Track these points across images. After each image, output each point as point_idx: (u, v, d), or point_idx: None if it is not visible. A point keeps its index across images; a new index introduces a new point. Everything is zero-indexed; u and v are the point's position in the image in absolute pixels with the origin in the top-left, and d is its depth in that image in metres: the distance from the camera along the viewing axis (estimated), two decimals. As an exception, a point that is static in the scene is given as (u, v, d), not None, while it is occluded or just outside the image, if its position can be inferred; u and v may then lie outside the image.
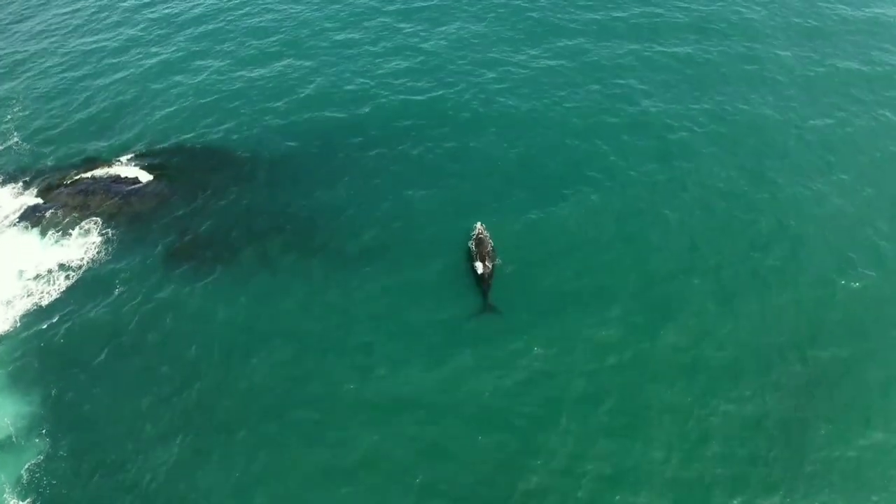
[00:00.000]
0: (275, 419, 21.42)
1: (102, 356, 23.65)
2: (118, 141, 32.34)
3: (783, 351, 22.08)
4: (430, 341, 22.80)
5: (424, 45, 35.86)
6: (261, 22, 39.27)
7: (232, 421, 21.47)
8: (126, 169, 30.20)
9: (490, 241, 24.83)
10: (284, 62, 35.63)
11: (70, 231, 27.81)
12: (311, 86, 33.93)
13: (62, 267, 26.63)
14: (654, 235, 25.65)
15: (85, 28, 40.71)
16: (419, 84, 33.28)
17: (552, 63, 33.93)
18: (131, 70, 36.71)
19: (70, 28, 40.87)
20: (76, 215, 28.38)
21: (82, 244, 27.35)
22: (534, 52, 34.87)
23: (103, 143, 32.31)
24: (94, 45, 39.03)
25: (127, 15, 41.40)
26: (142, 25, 40.21)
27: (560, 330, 22.77)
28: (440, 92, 32.65)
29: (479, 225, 25.51)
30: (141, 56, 37.66)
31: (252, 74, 35.15)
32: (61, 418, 22.11)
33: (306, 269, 25.54)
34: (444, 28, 36.93)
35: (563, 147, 29.36)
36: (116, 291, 25.57)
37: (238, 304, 24.66)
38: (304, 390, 22.06)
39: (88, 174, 30.15)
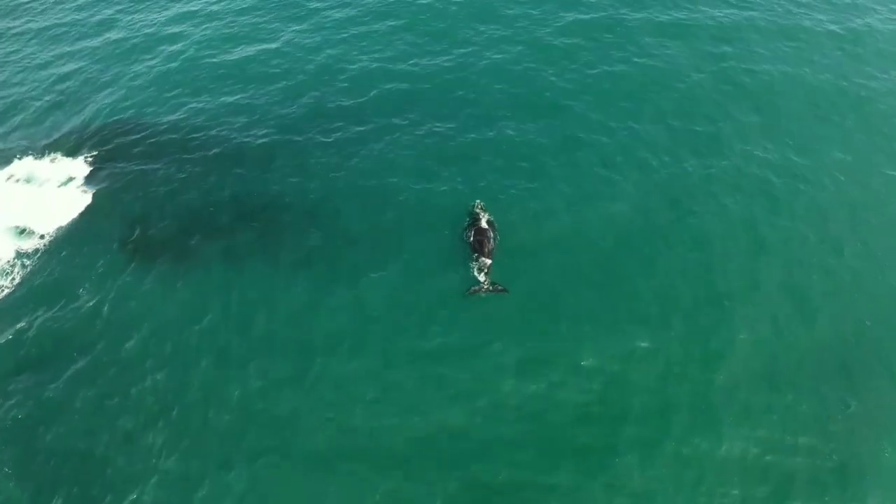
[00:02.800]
0: (272, 435, 18.77)
1: (59, 362, 20.92)
2: (71, 128, 29.54)
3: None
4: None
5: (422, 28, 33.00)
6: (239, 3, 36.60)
7: (225, 440, 18.71)
8: (75, 161, 27.39)
9: (490, 218, 23.03)
10: (259, 46, 32.85)
11: (21, 220, 25.05)
12: (291, 68, 31.18)
13: (18, 255, 24.12)
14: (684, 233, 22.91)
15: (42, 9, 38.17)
16: (415, 69, 30.36)
17: (567, 41, 31.08)
18: (86, 53, 34.16)
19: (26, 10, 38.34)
20: (26, 204, 25.62)
21: (32, 236, 24.69)
22: (544, 37, 31.92)
23: (59, 129, 29.65)
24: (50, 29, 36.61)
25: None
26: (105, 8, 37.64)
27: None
28: (439, 77, 29.84)
29: (477, 203, 23.67)
30: (98, 39, 35.15)
31: (223, 56, 32.50)
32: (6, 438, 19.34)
33: (289, 263, 22.83)
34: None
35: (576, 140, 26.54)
36: (71, 289, 22.84)
37: (214, 302, 21.90)
38: (304, 403, 19.32)
39: (36, 162, 27.50)
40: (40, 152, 28.13)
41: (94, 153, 27.77)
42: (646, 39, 30.97)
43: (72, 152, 27.95)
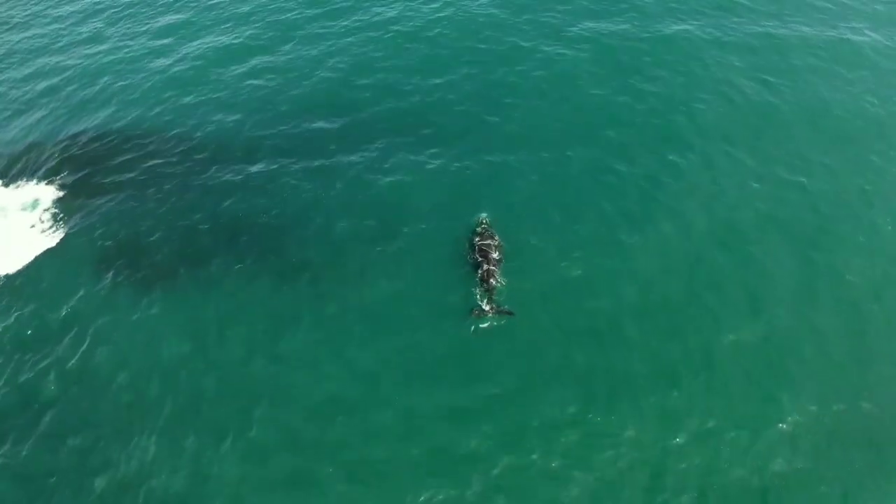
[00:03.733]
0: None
1: (31, 402, 19.02)
2: (45, 148, 27.37)
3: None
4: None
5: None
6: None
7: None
8: (49, 185, 25.19)
9: (496, 237, 21.36)
10: (254, 60, 30.72)
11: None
12: (288, 84, 29.10)
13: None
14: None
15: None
16: (425, 83, 28.25)
17: (590, 55, 28.78)
18: (67, 68, 32.10)
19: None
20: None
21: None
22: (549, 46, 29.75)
23: (33, 150, 27.47)
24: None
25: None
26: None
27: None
28: (436, 85, 27.94)
29: (483, 217, 22.21)
30: (81, 53, 33.15)
31: (214, 71, 30.32)
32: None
33: (284, 294, 20.93)
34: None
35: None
36: (44, 323, 20.90)
37: (205, 339, 19.98)
38: (303, 465, 17.13)
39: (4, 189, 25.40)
40: (10, 176, 26.19)
41: (70, 175, 25.83)
42: (676, 52, 28.87)
43: (46, 175, 25.95)
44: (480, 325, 19.25)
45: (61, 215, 24.28)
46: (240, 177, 24.75)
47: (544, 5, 31.90)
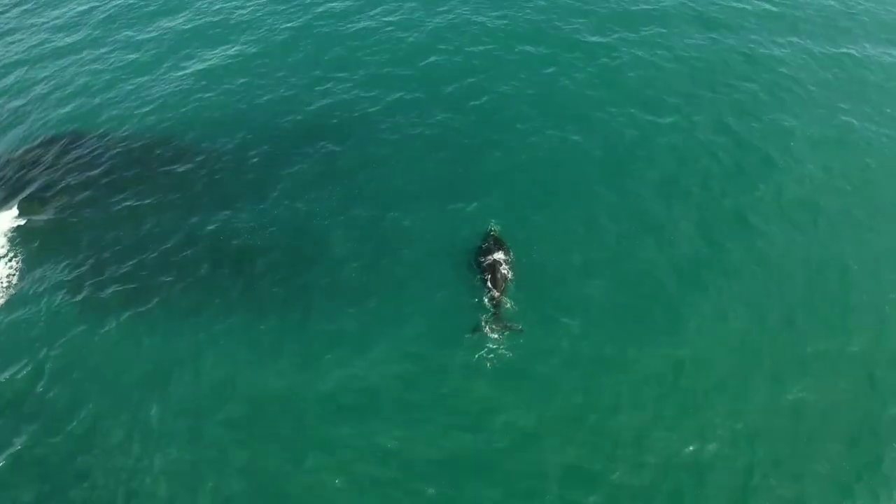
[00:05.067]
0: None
1: None
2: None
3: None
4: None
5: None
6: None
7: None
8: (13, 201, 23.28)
9: (508, 250, 20.22)
10: (250, 63, 28.75)
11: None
12: (279, 79, 27.49)
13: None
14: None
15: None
16: (401, 82, 26.82)
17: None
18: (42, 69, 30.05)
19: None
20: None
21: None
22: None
23: None
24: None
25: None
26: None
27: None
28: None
29: (493, 226, 21.20)
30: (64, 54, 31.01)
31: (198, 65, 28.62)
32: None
33: (273, 321, 19.29)
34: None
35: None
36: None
37: (183, 370, 18.40)
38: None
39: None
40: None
41: (38, 197, 23.78)
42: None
43: (8, 198, 23.92)
44: (488, 362, 17.43)
45: (19, 240, 22.33)
46: (232, 202, 22.86)
47: (566, 21, 29.76)
